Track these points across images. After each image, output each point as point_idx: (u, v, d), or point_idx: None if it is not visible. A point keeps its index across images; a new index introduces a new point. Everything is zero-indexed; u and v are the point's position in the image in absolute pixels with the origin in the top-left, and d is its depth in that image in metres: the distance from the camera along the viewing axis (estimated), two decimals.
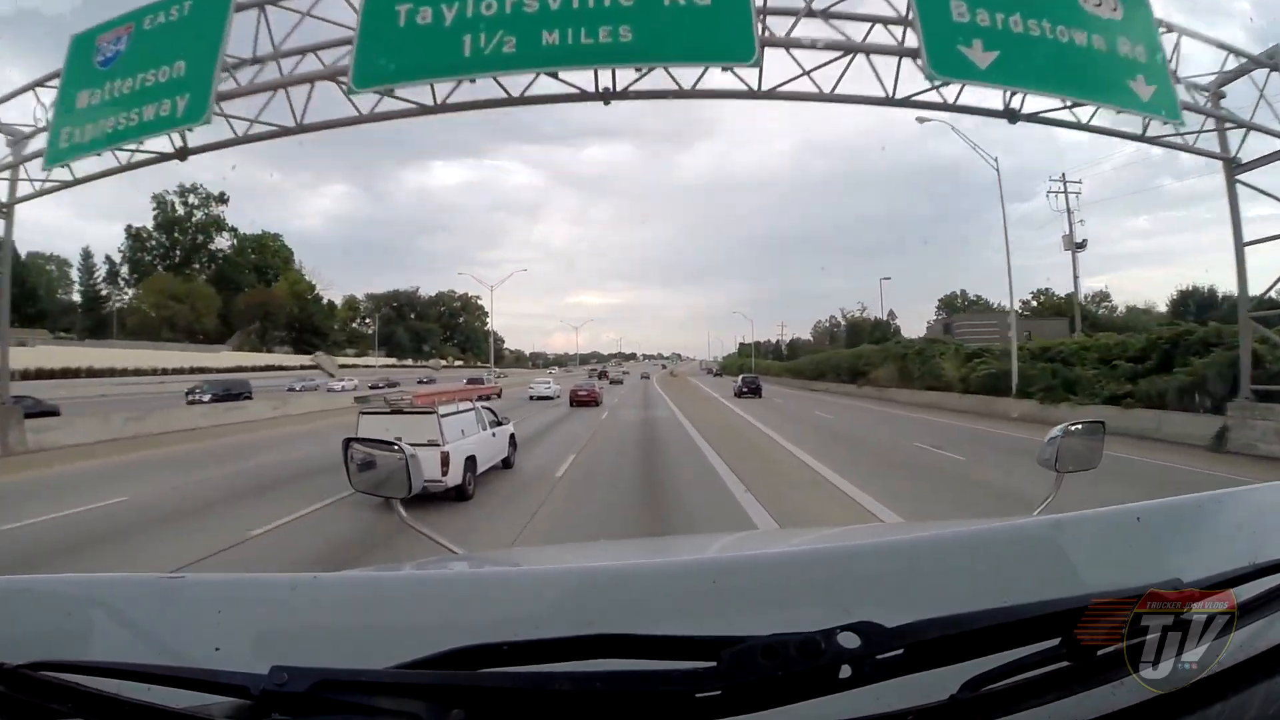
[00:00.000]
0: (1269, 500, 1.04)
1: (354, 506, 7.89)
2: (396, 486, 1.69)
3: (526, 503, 8.82)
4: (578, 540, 6.78)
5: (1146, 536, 0.92)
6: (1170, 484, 9.50)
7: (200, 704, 0.63)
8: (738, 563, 1.11)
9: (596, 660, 0.62)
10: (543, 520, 7.86)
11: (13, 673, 0.63)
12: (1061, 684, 0.67)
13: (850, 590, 0.84)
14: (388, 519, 6.61)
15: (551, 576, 1.05)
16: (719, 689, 0.60)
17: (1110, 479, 3.05)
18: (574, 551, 2.60)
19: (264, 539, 7.13)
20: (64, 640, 0.76)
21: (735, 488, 9.50)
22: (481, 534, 7.29)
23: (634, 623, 0.67)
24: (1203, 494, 1.01)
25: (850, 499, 8.74)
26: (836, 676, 0.61)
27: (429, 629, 0.76)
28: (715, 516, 7.85)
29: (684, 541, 3.32)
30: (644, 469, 11.70)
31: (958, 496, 9.20)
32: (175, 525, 7.84)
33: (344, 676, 0.61)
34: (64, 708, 0.63)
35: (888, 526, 2.10)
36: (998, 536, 1.06)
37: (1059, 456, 1.78)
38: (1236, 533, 0.96)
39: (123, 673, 0.64)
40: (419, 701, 0.60)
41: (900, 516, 7.39)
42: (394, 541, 6.16)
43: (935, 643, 0.63)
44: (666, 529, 7.23)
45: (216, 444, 15.81)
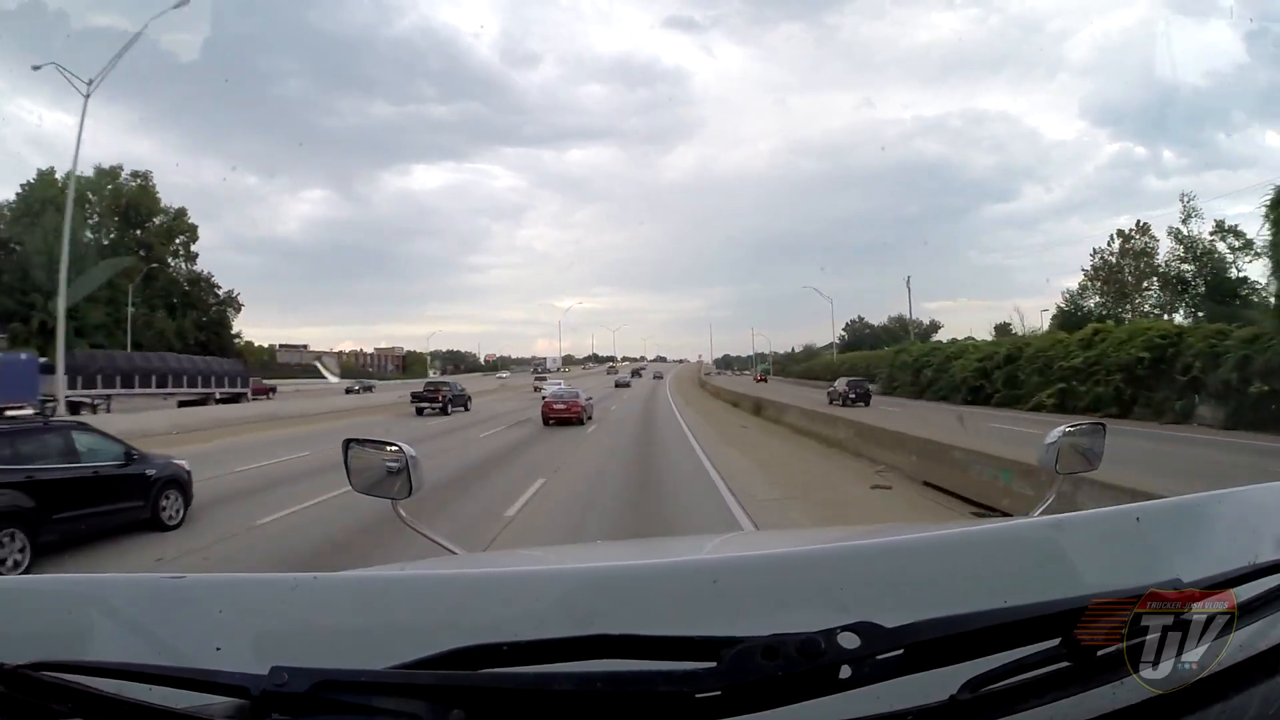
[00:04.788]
0: (1269, 500, 1.04)
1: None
2: (396, 487, 1.69)
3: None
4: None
5: (1146, 536, 0.92)
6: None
7: (200, 704, 0.63)
8: (738, 563, 1.11)
9: (597, 660, 0.62)
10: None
11: (13, 673, 0.63)
12: (1061, 684, 0.67)
13: (850, 590, 0.84)
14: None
15: (551, 576, 1.05)
16: (719, 689, 0.60)
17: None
18: (574, 552, 2.60)
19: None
20: (64, 640, 0.76)
21: None
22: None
23: (634, 623, 0.67)
24: (1203, 494, 1.01)
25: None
26: (836, 677, 0.61)
27: (429, 629, 0.76)
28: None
29: (683, 541, 3.32)
30: None
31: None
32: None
33: (344, 677, 0.61)
34: (64, 708, 0.63)
35: (888, 526, 2.10)
36: (998, 536, 1.06)
37: (1058, 458, 1.78)
38: (1236, 533, 0.96)
39: (123, 673, 0.64)
40: (419, 701, 0.60)
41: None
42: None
43: (935, 643, 0.63)
44: None
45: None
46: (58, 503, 6.55)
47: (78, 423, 8.18)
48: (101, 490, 7.08)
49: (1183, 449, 14.89)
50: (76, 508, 6.75)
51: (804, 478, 11.49)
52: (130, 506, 7.38)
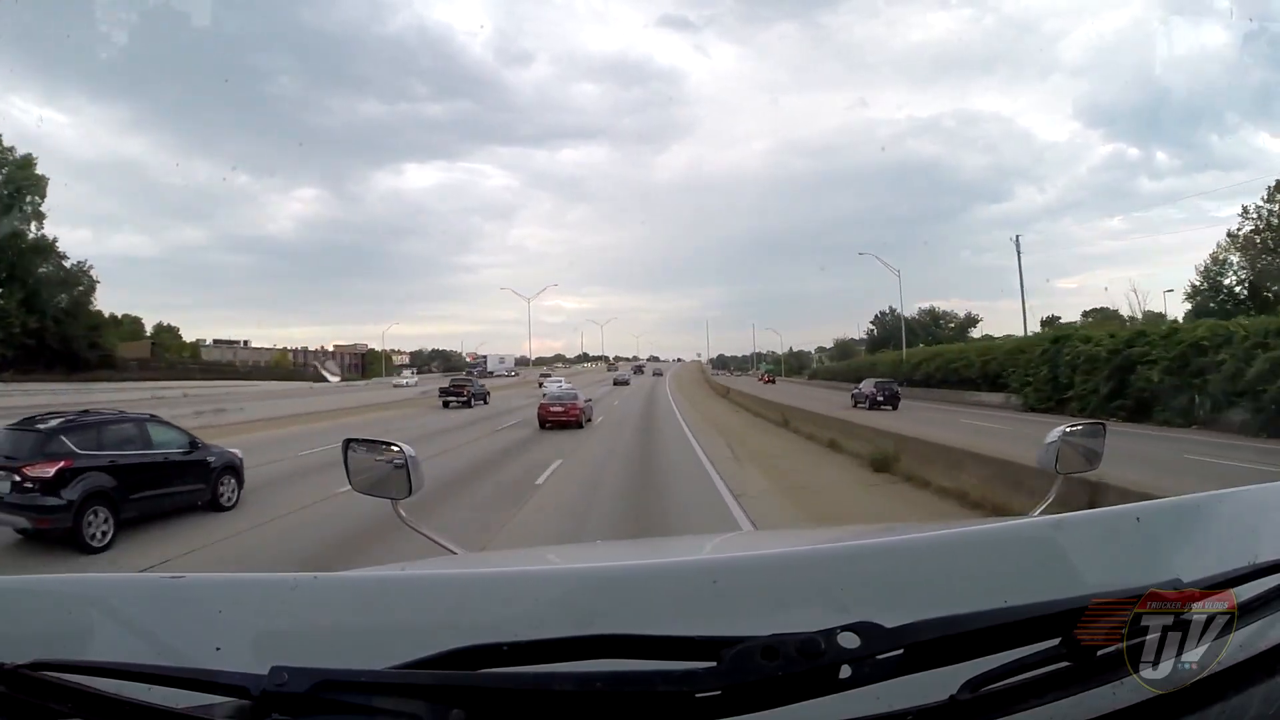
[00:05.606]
0: (1269, 500, 1.04)
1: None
2: (396, 487, 1.69)
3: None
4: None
5: (1146, 536, 0.92)
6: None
7: (200, 704, 0.63)
8: (738, 563, 1.11)
9: (597, 660, 0.62)
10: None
11: (13, 673, 0.63)
12: (1061, 684, 0.67)
13: (850, 590, 0.84)
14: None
15: (551, 576, 1.05)
16: (719, 689, 0.60)
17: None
18: (574, 552, 2.60)
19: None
20: (64, 640, 0.76)
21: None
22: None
23: (634, 623, 0.67)
24: (1203, 494, 1.01)
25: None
26: (836, 677, 0.61)
27: (429, 629, 0.76)
28: None
29: (683, 541, 3.32)
30: None
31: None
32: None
33: (344, 677, 0.61)
34: (64, 708, 0.63)
35: (887, 526, 2.10)
36: (998, 536, 1.06)
37: (1058, 458, 1.78)
38: (1236, 533, 0.96)
39: (123, 673, 0.64)
40: (419, 701, 0.60)
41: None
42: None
43: (935, 643, 0.63)
44: None
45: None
46: (135, 484, 7.59)
47: (150, 415, 9.01)
48: (170, 474, 8.12)
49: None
50: (150, 489, 7.81)
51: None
52: (194, 489, 8.41)
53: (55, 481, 6.86)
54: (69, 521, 6.81)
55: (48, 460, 6.95)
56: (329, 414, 25.18)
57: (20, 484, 6.80)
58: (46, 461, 6.93)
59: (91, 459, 7.25)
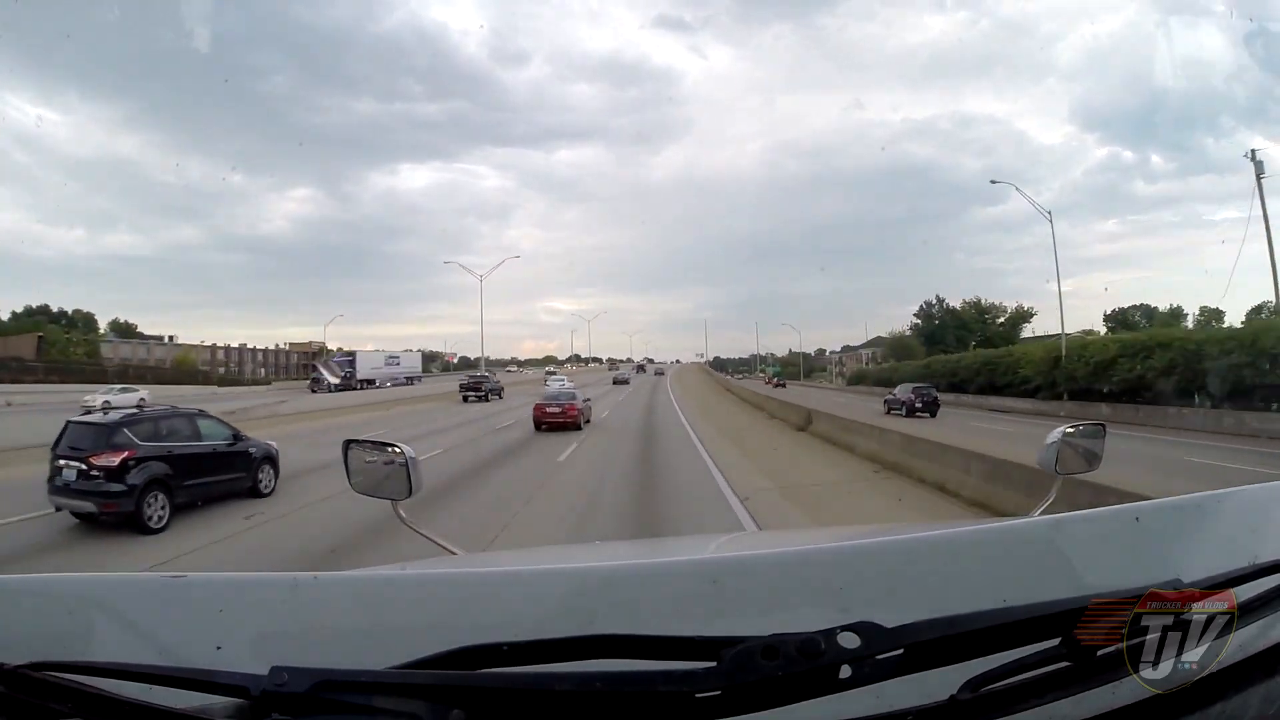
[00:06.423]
0: (1269, 500, 1.04)
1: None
2: (396, 488, 1.69)
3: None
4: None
5: (1146, 536, 0.92)
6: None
7: (200, 704, 0.63)
8: (738, 563, 1.11)
9: (597, 660, 0.62)
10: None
11: (13, 673, 0.63)
12: (1061, 684, 0.67)
13: (850, 590, 0.84)
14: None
15: (551, 576, 1.05)
16: (719, 689, 0.60)
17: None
18: (574, 552, 2.60)
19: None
20: (64, 640, 0.76)
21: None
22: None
23: (634, 623, 0.67)
24: (1202, 494, 1.01)
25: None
26: (836, 677, 0.61)
27: (429, 629, 0.76)
28: None
29: (683, 542, 3.32)
30: None
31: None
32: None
33: (344, 677, 0.61)
34: (64, 708, 0.63)
35: (887, 527, 2.10)
36: (998, 536, 1.06)
37: (1059, 459, 1.78)
38: (1236, 533, 0.96)
39: (123, 673, 0.64)
40: (419, 701, 0.60)
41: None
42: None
43: (935, 643, 0.63)
44: None
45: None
46: (187, 472, 8.38)
47: (199, 409, 9.94)
48: (217, 464, 8.96)
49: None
50: (200, 477, 8.61)
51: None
52: (237, 477, 9.27)
53: (120, 470, 7.58)
54: (131, 506, 7.52)
55: (113, 450, 7.68)
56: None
57: (86, 472, 7.55)
58: (112, 451, 7.66)
59: (151, 449, 7.99)
